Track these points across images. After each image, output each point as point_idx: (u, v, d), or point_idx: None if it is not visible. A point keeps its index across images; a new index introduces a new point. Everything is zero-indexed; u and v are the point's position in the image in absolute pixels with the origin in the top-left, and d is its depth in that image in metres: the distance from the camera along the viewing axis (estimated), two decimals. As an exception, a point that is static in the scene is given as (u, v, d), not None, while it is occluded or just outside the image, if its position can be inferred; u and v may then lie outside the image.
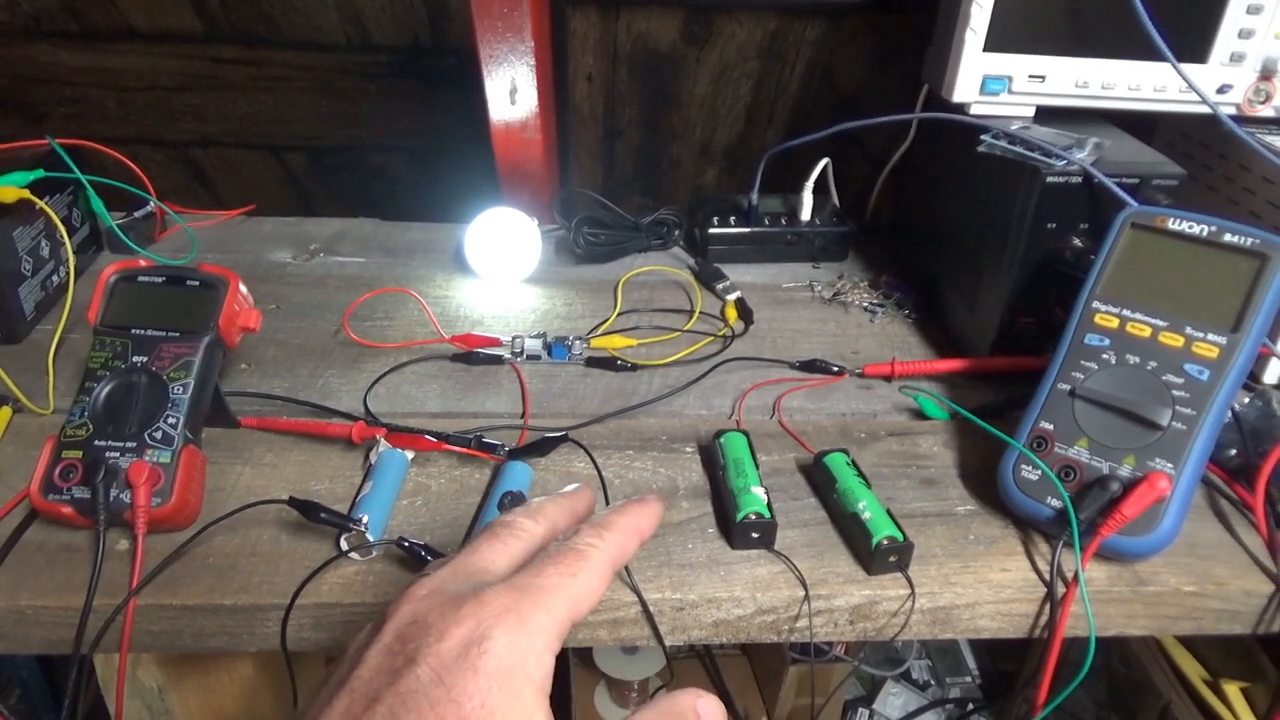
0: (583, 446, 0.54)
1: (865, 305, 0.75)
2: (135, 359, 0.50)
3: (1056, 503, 0.49)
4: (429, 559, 0.46)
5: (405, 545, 0.46)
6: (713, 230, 0.79)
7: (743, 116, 0.92)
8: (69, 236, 0.69)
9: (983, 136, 0.62)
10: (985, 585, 0.48)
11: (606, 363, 0.65)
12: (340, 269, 0.77)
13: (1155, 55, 0.59)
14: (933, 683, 1.09)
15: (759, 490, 0.50)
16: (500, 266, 0.76)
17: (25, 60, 0.87)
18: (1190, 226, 0.51)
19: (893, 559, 0.47)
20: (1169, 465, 0.48)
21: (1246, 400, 0.58)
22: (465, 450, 0.54)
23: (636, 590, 0.46)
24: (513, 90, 0.74)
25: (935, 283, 0.74)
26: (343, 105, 0.91)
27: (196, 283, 0.52)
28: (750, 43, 0.87)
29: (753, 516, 0.48)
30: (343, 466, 0.54)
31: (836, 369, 0.65)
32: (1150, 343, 0.51)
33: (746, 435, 0.55)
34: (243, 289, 0.53)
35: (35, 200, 0.63)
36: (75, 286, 0.66)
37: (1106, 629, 0.49)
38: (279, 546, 0.48)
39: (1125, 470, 0.48)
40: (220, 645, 0.46)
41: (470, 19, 0.70)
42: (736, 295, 0.74)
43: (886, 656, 1.08)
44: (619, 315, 0.72)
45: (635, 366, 0.65)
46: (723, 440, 0.54)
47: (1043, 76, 0.64)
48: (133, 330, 0.51)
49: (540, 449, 0.54)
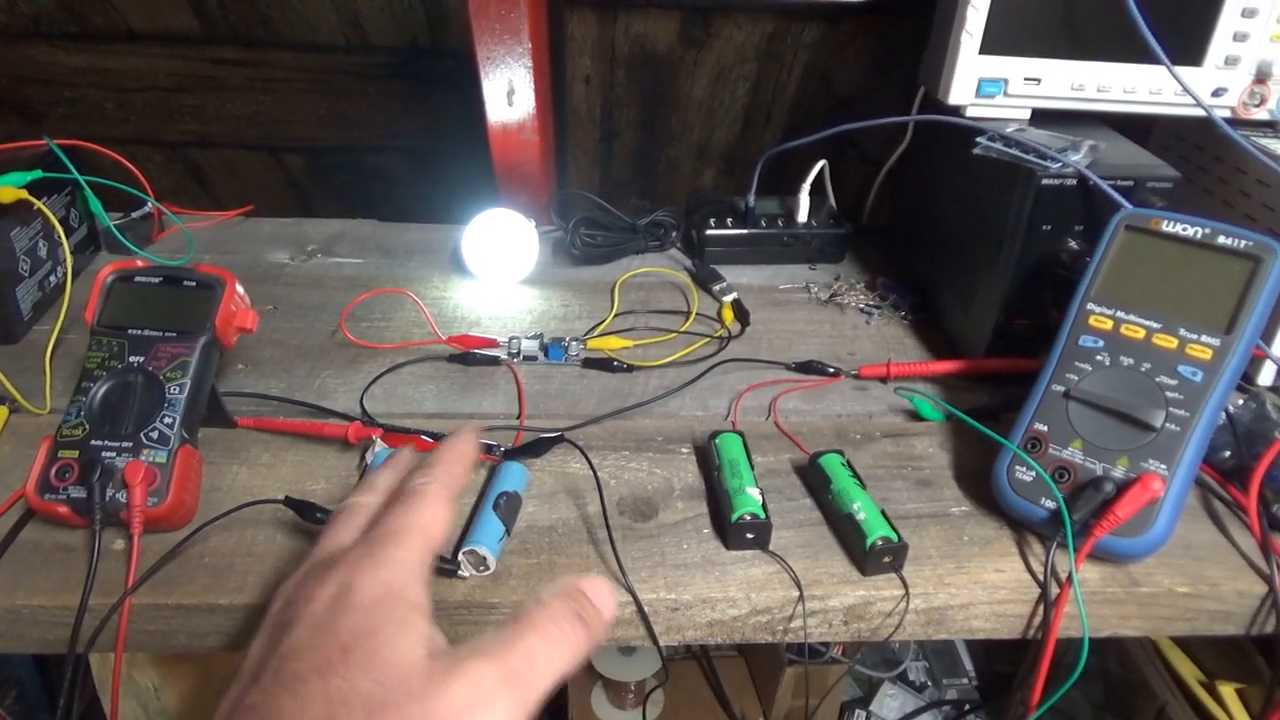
0: (578, 447, 0.54)
1: (861, 307, 0.76)
2: (132, 359, 0.50)
3: (1050, 504, 0.49)
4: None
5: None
6: (710, 232, 0.80)
7: (740, 118, 0.92)
8: (66, 237, 0.69)
9: (978, 139, 0.62)
10: (979, 586, 0.48)
11: (603, 364, 0.65)
12: (338, 270, 0.77)
13: (1150, 58, 0.59)
14: (929, 684, 1.09)
15: (754, 491, 0.50)
16: (497, 267, 0.76)
17: (24, 61, 0.87)
18: (1184, 229, 0.52)
19: (887, 560, 0.47)
20: (1163, 467, 0.48)
21: (1240, 402, 0.58)
22: (461, 450, 0.54)
23: (631, 590, 0.46)
24: (510, 92, 0.74)
25: (931, 284, 0.74)
26: (341, 106, 0.91)
27: (193, 283, 0.52)
28: (748, 45, 0.87)
29: (748, 517, 0.48)
30: (339, 467, 0.54)
31: (832, 370, 0.65)
32: (1144, 344, 0.51)
33: (742, 436, 0.55)
34: (239, 289, 0.54)
35: (33, 200, 0.64)
36: (72, 287, 0.66)
37: (1100, 630, 0.49)
38: (275, 546, 0.48)
39: (1119, 471, 0.48)
40: (216, 645, 0.46)
41: (468, 21, 0.70)
42: (733, 296, 0.74)
43: (883, 658, 1.08)
44: (616, 316, 0.72)
45: (631, 367, 0.65)
46: (718, 441, 0.54)
47: (1038, 79, 0.64)
48: (129, 330, 0.51)
49: (536, 449, 0.54)
